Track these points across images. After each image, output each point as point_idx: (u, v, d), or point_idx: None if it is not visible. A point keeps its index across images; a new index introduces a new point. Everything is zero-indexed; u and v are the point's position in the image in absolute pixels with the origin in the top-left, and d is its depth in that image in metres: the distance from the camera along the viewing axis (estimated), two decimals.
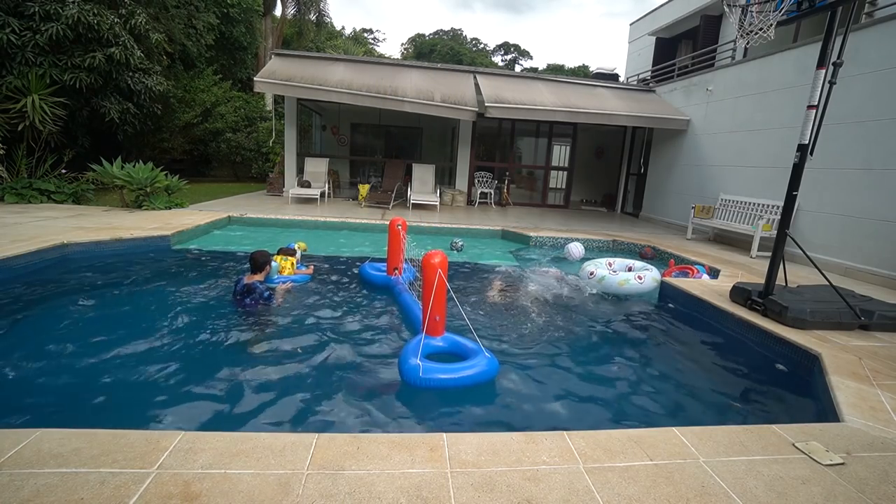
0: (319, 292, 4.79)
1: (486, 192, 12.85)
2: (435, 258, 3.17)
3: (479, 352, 3.12)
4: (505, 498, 1.74)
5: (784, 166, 7.54)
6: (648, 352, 3.93)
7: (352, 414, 2.70)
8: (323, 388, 2.95)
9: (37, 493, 1.60)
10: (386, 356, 3.47)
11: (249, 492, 1.67)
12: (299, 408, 2.73)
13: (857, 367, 3.17)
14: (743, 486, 1.89)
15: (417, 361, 2.91)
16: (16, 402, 2.63)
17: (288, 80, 10.28)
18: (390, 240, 4.88)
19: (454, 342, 3.33)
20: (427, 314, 3.21)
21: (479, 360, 3.02)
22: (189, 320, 3.86)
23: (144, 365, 3.08)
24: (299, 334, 3.73)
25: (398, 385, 3.03)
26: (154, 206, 8.24)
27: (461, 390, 2.92)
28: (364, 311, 4.39)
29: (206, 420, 2.56)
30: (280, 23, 21.14)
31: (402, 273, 4.90)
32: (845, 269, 6.58)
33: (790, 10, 3.78)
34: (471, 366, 2.98)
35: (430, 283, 3.14)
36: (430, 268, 3.15)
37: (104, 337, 3.55)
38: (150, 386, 2.87)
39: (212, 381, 2.94)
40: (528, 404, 2.96)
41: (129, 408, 2.64)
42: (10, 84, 8.56)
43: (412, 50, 45.14)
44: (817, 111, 3.82)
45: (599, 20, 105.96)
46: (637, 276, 5.38)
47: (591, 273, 5.51)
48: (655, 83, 12.97)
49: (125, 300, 4.36)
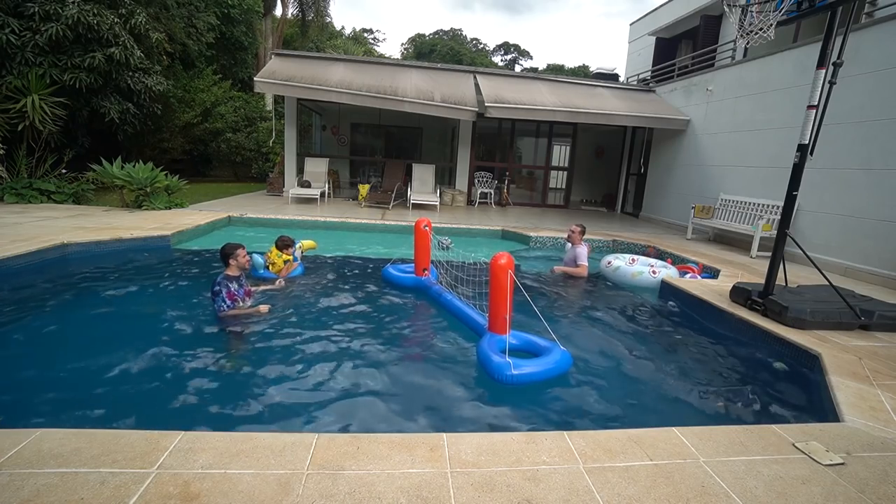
0: (321, 292, 4.79)
1: (486, 192, 12.85)
2: (502, 259, 3.27)
3: (555, 346, 3.24)
4: (505, 498, 1.74)
5: (784, 166, 7.52)
6: (647, 351, 3.92)
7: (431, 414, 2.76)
8: (323, 388, 2.95)
9: (37, 493, 1.60)
10: (390, 354, 3.48)
11: (249, 492, 1.67)
12: (305, 408, 2.72)
13: (857, 367, 3.17)
14: (743, 486, 1.89)
15: (507, 359, 3.00)
16: (16, 401, 2.63)
17: (288, 80, 10.28)
18: (417, 240, 4.85)
19: (524, 338, 3.45)
20: (505, 313, 3.29)
21: (557, 354, 3.16)
22: (189, 320, 3.86)
23: (144, 365, 3.08)
24: (300, 334, 3.72)
25: None
26: (154, 206, 8.24)
27: (542, 383, 3.03)
28: (367, 310, 4.39)
29: (206, 420, 2.55)
30: (280, 23, 21.13)
31: (430, 274, 4.91)
32: (845, 269, 6.58)
33: (790, 10, 3.78)
34: (552, 360, 3.11)
35: (501, 283, 3.23)
36: (499, 269, 3.25)
37: (104, 337, 3.56)
38: (150, 386, 2.87)
39: (212, 381, 2.94)
40: (527, 404, 2.96)
41: (129, 408, 2.63)
42: (10, 84, 8.56)
43: (412, 50, 45.11)
44: (817, 111, 3.82)
45: (598, 20, 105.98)
46: (651, 271, 5.59)
47: (608, 262, 5.93)
48: (655, 83, 12.97)
49: (125, 300, 4.36)
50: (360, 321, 4.12)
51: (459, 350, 3.65)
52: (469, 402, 2.92)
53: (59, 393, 2.74)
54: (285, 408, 2.72)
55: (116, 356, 3.17)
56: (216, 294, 3.80)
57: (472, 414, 2.80)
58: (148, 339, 3.47)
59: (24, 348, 3.31)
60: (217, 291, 3.79)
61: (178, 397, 2.75)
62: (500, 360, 3.00)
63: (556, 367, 3.09)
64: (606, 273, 5.93)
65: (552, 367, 3.07)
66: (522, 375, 2.95)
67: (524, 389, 3.08)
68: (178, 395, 2.77)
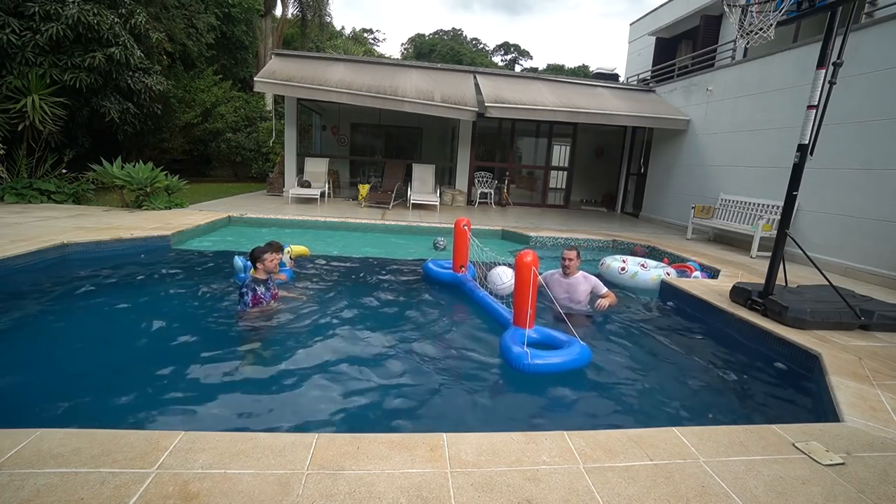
0: (321, 292, 4.79)
1: (486, 192, 12.85)
2: (527, 257, 3.39)
3: (574, 341, 3.35)
4: (505, 498, 1.74)
5: (784, 166, 7.53)
6: (647, 351, 3.92)
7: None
8: (325, 388, 2.95)
9: (37, 493, 1.60)
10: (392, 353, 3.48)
11: (249, 492, 1.67)
12: (303, 408, 2.72)
13: (857, 367, 3.17)
14: (743, 486, 1.89)
15: (525, 349, 3.14)
16: (16, 402, 2.63)
17: (288, 80, 10.28)
18: (456, 238, 5.18)
19: (546, 333, 3.57)
20: (528, 308, 3.43)
21: (576, 348, 3.27)
22: (189, 320, 3.86)
23: (144, 364, 3.08)
24: (300, 334, 3.73)
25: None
26: (154, 206, 8.24)
27: (557, 375, 3.16)
28: (371, 309, 4.39)
29: (206, 420, 2.55)
30: (280, 23, 21.14)
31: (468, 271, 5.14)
32: (845, 269, 6.58)
33: (790, 10, 3.79)
34: (570, 353, 3.22)
35: (526, 280, 3.36)
36: (524, 266, 3.37)
37: (104, 336, 3.56)
38: (150, 386, 2.86)
39: (212, 381, 2.93)
40: (526, 404, 2.96)
41: (129, 408, 2.63)
42: (10, 84, 8.56)
43: (412, 50, 45.12)
44: (817, 111, 3.82)
45: (598, 20, 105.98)
46: (667, 272, 5.64)
47: (621, 269, 5.75)
48: (655, 83, 12.97)
49: (125, 300, 4.35)
50: (364, 321, 4.12)
51: (481, 345, 3.75)
52: (480, 400, 2.96)
53: (58, 393, 2.74)
54: (285, 408, 2.71)
55: (116, 356, 3.17)
56: (242, 296, 3.88)
57: (481, 413, 2.81)
58: (147, 339, 3.47)
59: (24, 348, 3.31)
60: (243, 293, 3.86)
61: (179, 397, 2.75)
62: (519, 350, 3.15)
63: (572, 360, 3.19)
64: (622, 280, 5.70)
65: (569, 360, 3.18)
66: (539, 365, 3.08)
67: (529, 388, 3.11)
68: (178, 395, 2.77)
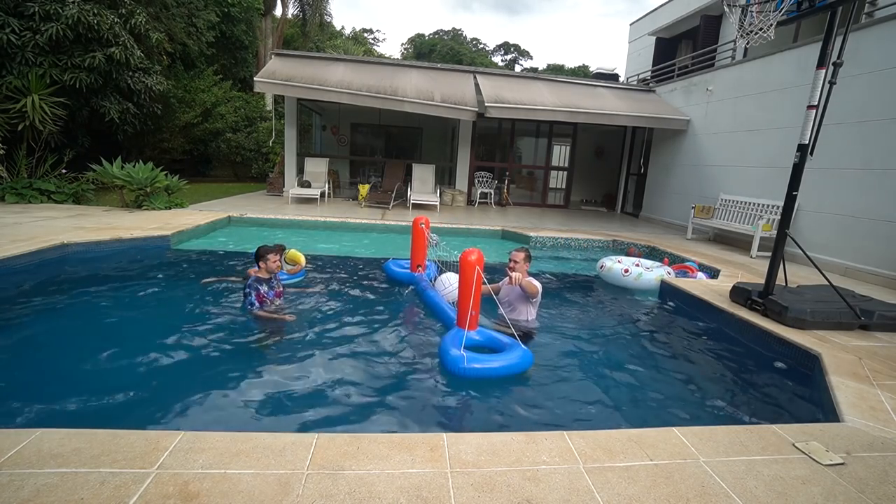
0: (320, 292, 4.79)
1: (486, 192, 12.85)
2: (472, 255, 3.27)
3: (516, 344, 3.26)
4: (505, 498, 1.74)
5: (784, 166, 7.52)
6: (647, 352, 3.92)
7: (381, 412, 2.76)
8: (326, 388, 2.95)
9: (37, 493, 1.60)
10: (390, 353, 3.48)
11: (249, 492, 1.67)
12: (303, 408, 2.72)
13: (857, 367, 3.17)
14: (743, 486, 1.89)
15: (461, 352, 3.04)
16: (16, 401, 2.63)
17: (288, 80, 10.28)
18: (414, 238, 4.97)
19: (489, 336, 3.46)
20: (470, 309, 3.31)
21: (517, 352, 3.17)
22: (188, 320, 3.86)
23: (144, 364, 3.08)
24: (301, 334, 3.73)
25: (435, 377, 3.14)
26: (154, 206, 8.24)
27: (495, 380, 3.05)
28: (371, 309, 4.39)
29: (206, 420, 2.55)
30: (280, 23, 21.13)
31: (426, 270, 5.02)
32: (845, 269, 6.58)
33: (790, 10, 3.79)
34: (510, 357, 3.12)
35: (468, 280, 3.25)
36: (467, 265, 3.25)
37: (103, 336, 3.55)
38: (150, 386, 2.87)
39: (212, 381, 2.93)
40: (526, 403, 2.96)
41: (129, 408, 2.63)
42: (10, 84, 8.55)
43: (412, 50, 45.10)
44: (817, 111, 3.82)
45: (597, 20, 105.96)
46: (668, 271, 5.66)
47: (625, 270, 5.67)
48: (655, 83, 12.96)
49: (125, 300, 4.36)
50: (358, 323, 4.12)
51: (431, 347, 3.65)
52: (458, 402, 2.93)
53: (58, 393, 2.74)
54: (285, 408, 2.72)
55: (115, 356, 3.17)
56: (246, 295, 3.95)
57: (466, 414, 2.80)
58: (147, 338, 3.47)
59: (24, 348, 3.31)
60: (247, 293, 3.95)
61: (179, 397, 2.75)
62: (455, 353, 3.05)
63: (511, 366, 3.09)
64: (626, 282, 5.66)
65: (507, 365, 3.08)
66: (475, 370, 2.99)
67: (525, 388, 3.10)
68: (178, 395, 2.77)
